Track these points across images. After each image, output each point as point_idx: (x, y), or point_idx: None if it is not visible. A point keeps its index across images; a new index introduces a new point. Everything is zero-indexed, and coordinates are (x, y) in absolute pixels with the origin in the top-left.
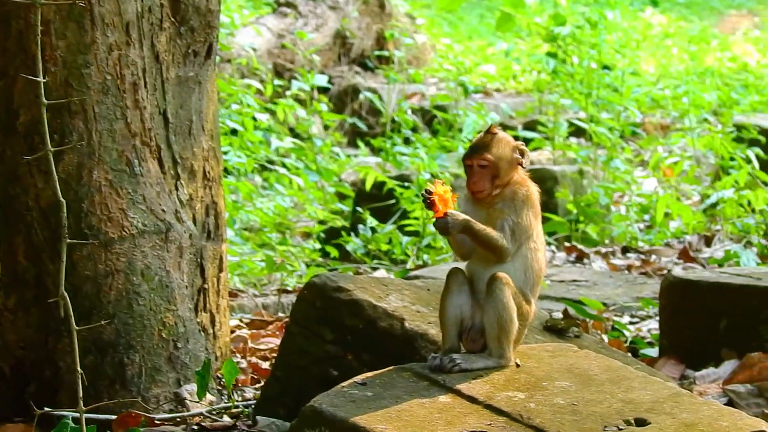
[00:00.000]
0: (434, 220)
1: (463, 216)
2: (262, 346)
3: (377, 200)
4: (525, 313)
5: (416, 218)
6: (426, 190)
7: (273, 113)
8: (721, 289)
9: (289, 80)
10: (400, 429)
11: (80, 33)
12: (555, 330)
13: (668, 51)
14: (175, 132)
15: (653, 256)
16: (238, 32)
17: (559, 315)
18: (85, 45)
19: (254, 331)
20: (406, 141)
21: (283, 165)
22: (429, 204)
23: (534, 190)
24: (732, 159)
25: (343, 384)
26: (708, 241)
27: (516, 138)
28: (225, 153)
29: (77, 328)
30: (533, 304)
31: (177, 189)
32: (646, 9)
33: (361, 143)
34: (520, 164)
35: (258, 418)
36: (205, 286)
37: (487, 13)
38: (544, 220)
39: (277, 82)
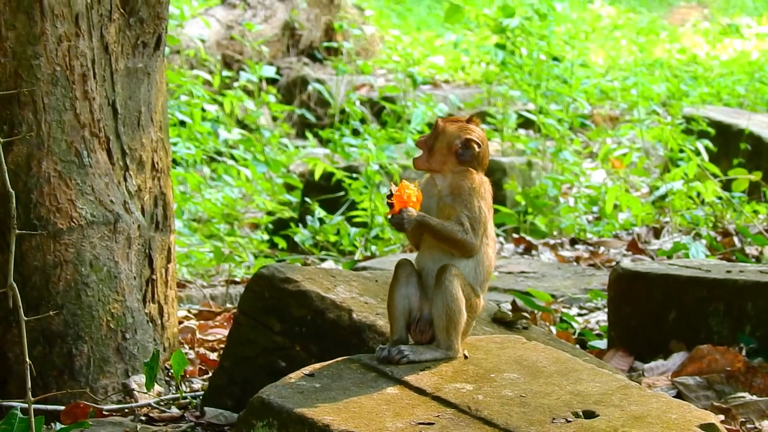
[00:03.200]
0: (388, 217)
1: (418, 213)
2: (210, 337)
3: (325, 191)
4: (474, 305)
5: (364, 209)
6: (389, 193)
7: (221, 104)
8: (670, 281)
9: (238, 71)
10: (347, 420)
11: (30, 24)
12: (503, 322)
13: (617, 42)
14: (124, 123)
15: (602, 248)
16: (187, 23)
17: (507, 307)
18: (34, 36)
19: (202, 322)
20: (355, 132)
21: (231, 156)
22: (389, 204)
23: (481, 181)
24: (681, 151)
25: (291, 375)
26: (657, 233)
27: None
28: (174, 144)
29: (26, 318)
30: (482, 297)
31: (125, 180)
32: (595, 0)
33: (309, 134)
34: (456, 153)
35: (206, 409)
36: (154, 276)
37: (436, 4)
38: (494, 211)
39: (225, 73)
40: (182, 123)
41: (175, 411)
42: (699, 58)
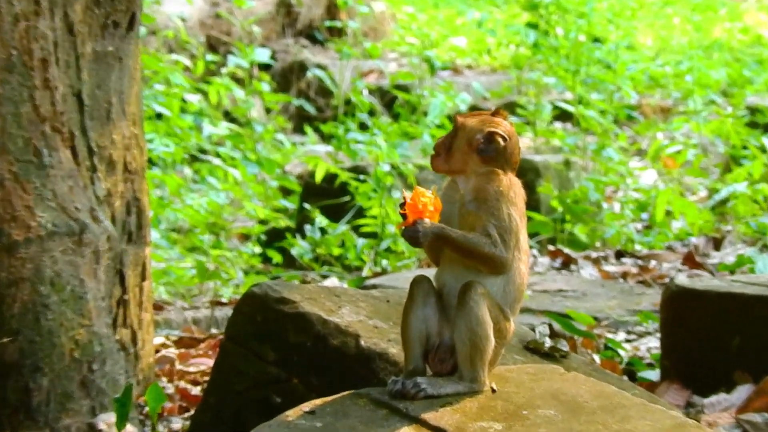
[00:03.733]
0: (401, 229)
1: (435, 224)
2: (192, 368)
3: (328, 196)
4: (503, 329)
5: (374, 217)
6: (401, 202)
7: (205, 94)
8: (733, 301)
9: (225, 55)
10: None
11: None
12: (537, 350)
13: (669, 21)
14: (92, 116)
15: (652, 262)
16: (165, 0)
17: (542, 331)
18: None
19: (183, 350)
20: (362, 126)
21: (217, 155)
22: (402, 215)
23: (510, 184)
24: (745, 147)
25: (288, 413)
26: (717, 244)
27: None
28: (149, 141)
29: None
30: (512, 321)
31: (93, 183)
32: None
33: (309, 129)
34: (478, 149)
35: None
36: (126, 297)
37: None
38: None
39: (210, 57)
40: (159, 116)
41: None
42: (764, 38)
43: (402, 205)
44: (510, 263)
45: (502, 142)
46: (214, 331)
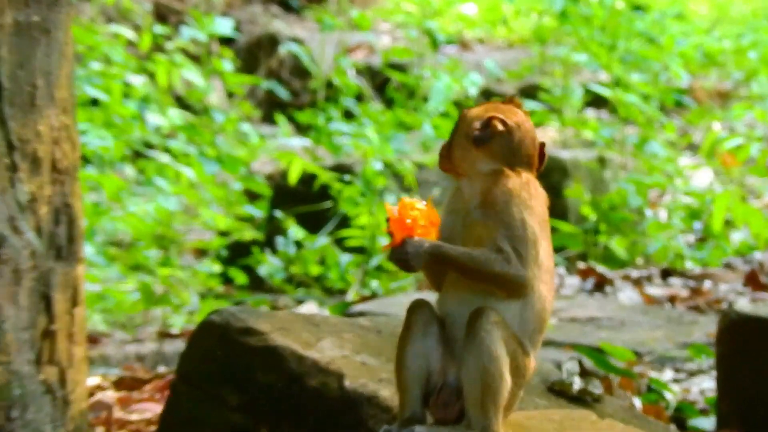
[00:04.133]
0: (387, 252)
1: (430, 242)
2: (135, 416)
3: (305, 201)
4: (521, 367)
5: (362, 227)
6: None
7: (152, 75)
8: None
9: (177, 27)
10: None
11: None
12: (564, 392)
13: None
14: (12, 103)
15: (707, 283)
16: None
17: (571, 368)
18: None
19: (123, 393)
20: (348, 115)
21: (167, 150)
22: (389, 234)
23: (523, 184)
24: None
25: None
26: None
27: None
28: (83, 133)
29: None
30: (532, 356)
31: (13, 186)
32: None
33: (281, 118)
34: (472, 138)
35: None
36: (53, 327)
37: None
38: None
39: (158, 29)
40: (95, 102)
41: None
42: None
43: (388, 221)
44: (530, 282)
45: (500, 127)
46: (162, 369)
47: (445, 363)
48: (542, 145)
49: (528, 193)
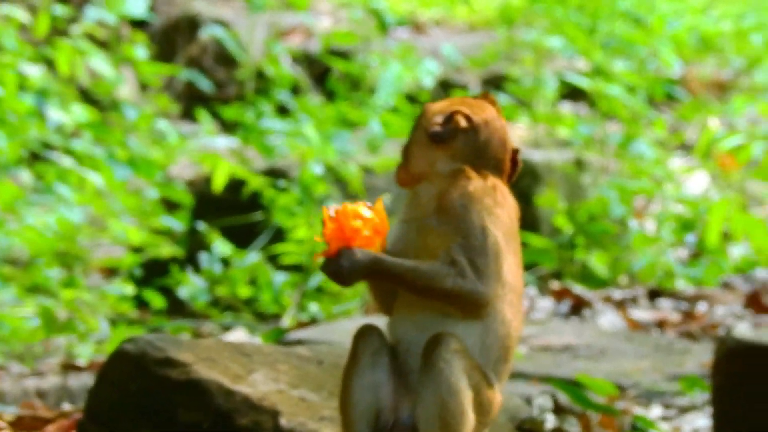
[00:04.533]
0: (322, 262)
1: (370, 254)
2: None
3: (232, 211)
4: (485, 402)
5: (299, 242)
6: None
7: (52, 64)
8: None
9: (80, 7)
10: None
11: None
12: (535, 431)
13: None
14: None
15: (701, 305)
16: None
17: (543, 404)
18: None
19: None
20: (282, 110)
21: (70, 153)
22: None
23: (486, 187)
24: None
25: None
26: None
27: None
28: None
29: None
30: (498, 388)
31: None
32: None
33: (203, 114)
34: (431, 134)
35: None
36: None
37: None
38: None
39: (58, 10)
40: None
41: None
42: None
43: (324, 227)
44: (489, 300)
45: (463, 123)
46: (67, 407)
47: (397, 398)
48: (515, 151)
49: (493, 199)
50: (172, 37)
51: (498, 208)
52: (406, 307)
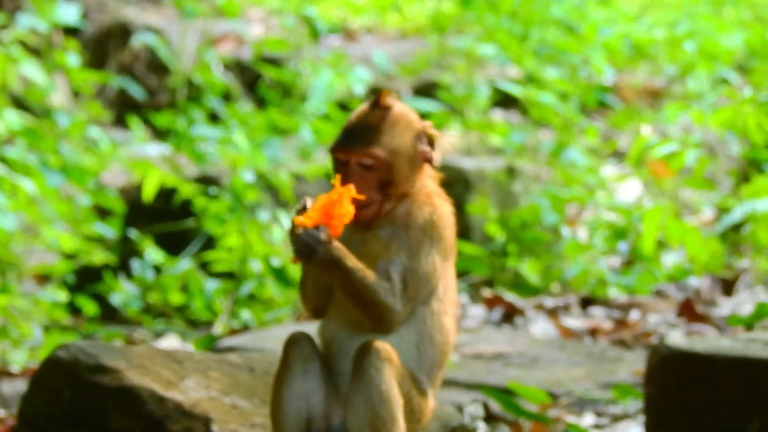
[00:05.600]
0: (295, 232)
1: (343, 249)
2: None
3: (164, 218)
4: (417, 409)
5: (230, 249)
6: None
7: None
8: (751, 369)
9: (12, 14)
10: None
11: None
12: None
13: None
14: None
15: (634, 313)
16: None
17: (474, 412)
18: None
19: None
20: (213, 117)
21: (3, 160)
22: (299, 211)
23: (445, 213)
24: None
25: None
26: (728, 287)
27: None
28: None
29: None
30: (431, 395)
31: None
32: None
33: (135, 121)
34: (429, 161)
35: None
36: None
37: None
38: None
39: None
40: None
41: None
42: None
43: (301, 210)
44: (398, 323)
45: (439, 138)
46: (0, 413)
47: (328, 405)
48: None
49: (444, 224)
50: (104, 45)
51: (445, 231)
52: (340, 308)
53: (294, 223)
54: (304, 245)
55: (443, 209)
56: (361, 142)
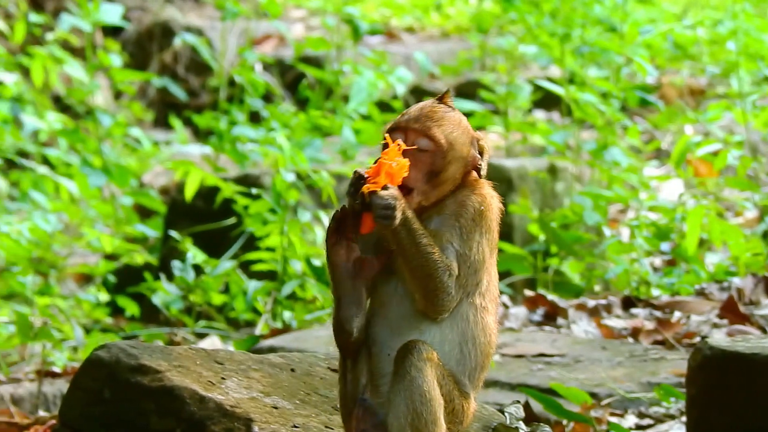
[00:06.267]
0: (372, 194)
1: (410, 208)
2: None
3: (205, 219)
4: (458, 410)
5: (272, 249)
6: (356, 175)
7: (27, 72)
8: None
9: (55, 15)
10: None
11: None
12: None
13: None
14: None
15: (677, 314)
16: None
17: (515, 413)
18: None
19: None
20: (254, 118)
21: (45, 160)
22: (357, 180)
23: (495, 206)
24: None
25: None
26: None
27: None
28: None
29: None
30: (473, 397)
31: None
32: None
33: (176, 122)
34: (477, 170)
35: None
36: None
37: None
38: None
39: (33, 18)
40: None
41: None
42: None
43: (359, 180)
44: (449, 309)
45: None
46: (42, 413)
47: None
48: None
49: (493, 215)
50: (146, 45)
51: (493, 223)
52: (380, 306)
53: (363, 193)
54: (385, 207)
55: (493, 202)
56: (423, 122)
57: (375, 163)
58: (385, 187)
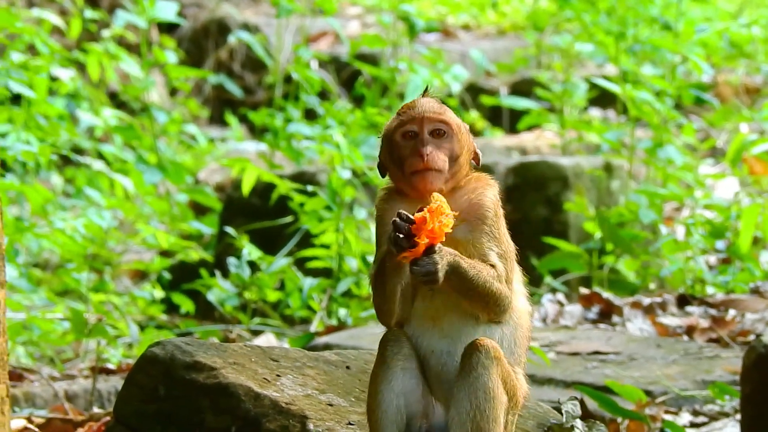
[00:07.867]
0: (415, 260)
1: (451, 250)
2: None
3: (261, 216)
4: (518, 401)
5: (327, 246)
6: (402, 217)
7: (83, 68)
8: None
9: (111, 12)
10: None
11: None
12: None
13: None
14: None
15: (732, 312)
16: None
17: (571, 410)
18: None
19: None
20: (310, 115)
21: (100, 156)
22: (405, 235)
23: (497, 191)
24: None
25: None
26: None
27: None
28: (1, 136)
29: None
30: (523, 377)
31: None
32: None
33: (232, 118)
34: (476, 159)
35: None
36: None
37: None
38: (547, 248)
39: (89, 14)
40: (16, 99)
41: None
42: None
43: (403, 226)
44: (510, 308)
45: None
46: (97, 410)
47: (427, 403)
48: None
49: (499, 200)
50: (202, 42)
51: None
52: (431, 315)
53: (402, 258)
54: (425, 274)
55: (496, 188)
56: (433, 110)
57: (419, 211)
58: (428, 249)
